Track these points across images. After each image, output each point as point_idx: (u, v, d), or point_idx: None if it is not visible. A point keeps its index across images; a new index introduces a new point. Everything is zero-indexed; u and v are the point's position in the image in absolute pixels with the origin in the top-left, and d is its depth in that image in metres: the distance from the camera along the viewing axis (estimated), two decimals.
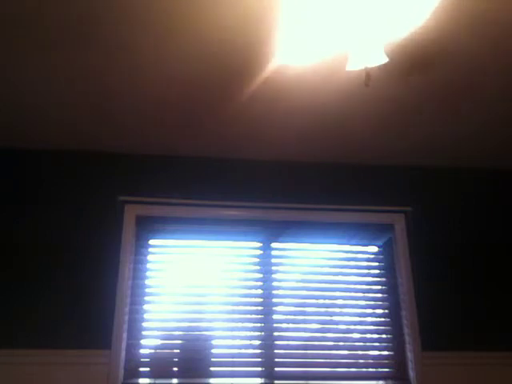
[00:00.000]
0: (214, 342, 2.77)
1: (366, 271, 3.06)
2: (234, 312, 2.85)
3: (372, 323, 2.93)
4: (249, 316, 2.85)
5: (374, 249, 3.14)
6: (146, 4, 1.89)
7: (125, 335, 2.70)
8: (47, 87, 2.42)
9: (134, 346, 2.72)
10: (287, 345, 2.82)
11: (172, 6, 1.90)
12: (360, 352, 2.85)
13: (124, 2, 1.89)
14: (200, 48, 2.15)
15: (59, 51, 2.16)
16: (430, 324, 2.90)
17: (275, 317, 2.86)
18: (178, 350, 2.73)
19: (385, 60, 1.78)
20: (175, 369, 2.70)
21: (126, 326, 2.72)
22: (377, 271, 3.07)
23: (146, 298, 2.82)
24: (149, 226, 2.97)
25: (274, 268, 2.98)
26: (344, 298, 2.95)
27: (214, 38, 2.09)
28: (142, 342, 2.73)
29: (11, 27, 2.01)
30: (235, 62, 2.24)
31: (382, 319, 2.94)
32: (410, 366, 2.83)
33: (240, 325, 2.82)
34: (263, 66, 2.27)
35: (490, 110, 2.66)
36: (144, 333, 2.75)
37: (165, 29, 2.03)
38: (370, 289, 3.01)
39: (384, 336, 2.91)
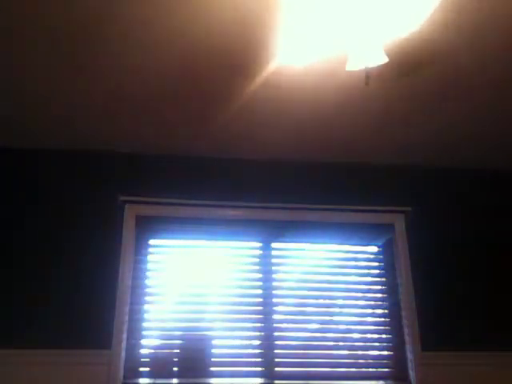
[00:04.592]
0: (213, 342, 2.77)
1: (365, 271, 3.06)
2: (233, 312, 2.85)
3: (372, 323, 2.93)
4: (249, 316, 2.85)
5: (374, 249, 3.14)
6: (148, 4, 1.89)
7: (125, 335, 2.70)
8: (47, 87, 2.42)
9: (134, 346, 2.71)
10: (287, 345, 2.82)
11: (173, 7, 1.90)
12: (360, 352, 2.85)
13: (125, 4, 1.89)
14: (200, 49, 2.15)
15: (60, 51, 2.16)
16: (430, 324, 2.90)
17: (275, 317, 2.86)
18: (178, 350, 2.73)
19: (385, 60, 1.78)
20: (175, 369, 2.70)
21: (126, 326, 2.72)
22: (377, 271, 3.07)
23: (146, 298, 2.82)
24: (149, 226, 2.97)
25: (274, 268, 2.98)
26: (344, 298, 2.95)
27: (215, 39, 2.09)
28: (142, 342, 2.73)
29: (12, 27, 2.01)
30: (235, 62, 2.24)
31: (382, 319, 2.94)
32: (410, 366, 2.83)
33: (240, 325, 2.82)
34: (263, 67, 2.27)
35: (490, 109, 2.66)
36: (144, 333, 2.75)
37: (166, 29, 2.03)
38: (370, 289, 3.01)
39: (384, 336, 2.91)
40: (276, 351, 2.79)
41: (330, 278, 2.99)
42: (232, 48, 2.15)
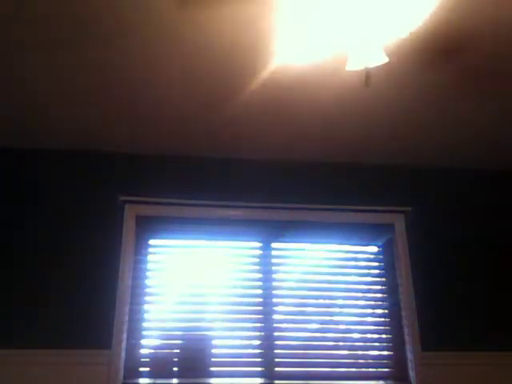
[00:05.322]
0: (213, 342, 2.77)
1: (365, 271, 3.06)
2: (233, 312, 2.84)
3: (372, 323, 2.92)
4: (249, 316, 2.85)
5: (374, 249, 3.14)
6: (148, 6, 1.90)
7: (125, 335, 2.70)
8: (47, 86, 2.42)
9: (134, 346, 2.71)
10: (287, 345, 2.82)
11: (173, 9, 1.90)
12: (360, 352, 2.85)
13: (127, 4, 1.89)
14: (200, 48, 2.15)
15: (60, 50, 2.16)
16: (430, 324, 2.90)
17: (275, 317, 2.86)
18: (178, 350, 2.73)
19: (385, 60, 1.78)
20: (175, 369, 2.70)
21: (126, 326, 2.72)
22: (377, 271, 3.07)
23: (146, 298, 2.82)
24: (149, 226, 2.97)
25: (274, 268, 2.98)
26: (344, 298, 2.95)
27: (215, 40, 2.09)
28: (142, 341, 2.73)
29: (12, 27, 2.01)
30: (235, 62, 2.24)
31: (382, 319, 2.94)
32: (410, 366, 2.82)
33: (240, 325, 2.82)
34: (263, 67, 2.27)
35: (490, 109, 2.66)
36: (144, 333, 2.75)
37: (166, 29, 2.03)
38: (370, 289, 3.00)
39: (384, 336, 2.91)
40: (276, 351, 2.79)
41: (330, 278, 2.99)
42: (232, 48, 2.15)
